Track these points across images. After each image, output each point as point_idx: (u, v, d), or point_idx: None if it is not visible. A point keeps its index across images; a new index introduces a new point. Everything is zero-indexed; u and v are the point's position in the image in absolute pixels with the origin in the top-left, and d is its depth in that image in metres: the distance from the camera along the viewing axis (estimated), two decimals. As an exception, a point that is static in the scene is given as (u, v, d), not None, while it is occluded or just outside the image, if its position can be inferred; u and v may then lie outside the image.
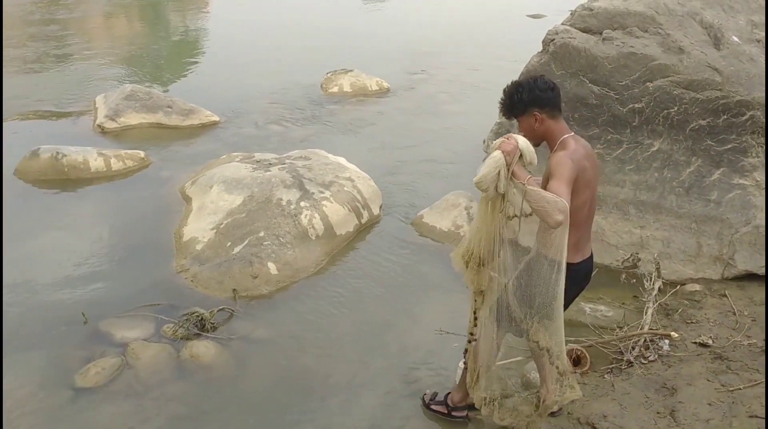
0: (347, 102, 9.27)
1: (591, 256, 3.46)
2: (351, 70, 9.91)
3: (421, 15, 14.67)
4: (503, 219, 3.20)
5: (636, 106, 5.26)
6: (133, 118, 8.23)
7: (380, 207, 6.35)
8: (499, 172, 3.06)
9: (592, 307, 4.88)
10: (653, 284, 4.70)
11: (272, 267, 5.25)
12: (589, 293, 5.08)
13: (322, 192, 5.94)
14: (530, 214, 3.18)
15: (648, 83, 5.20)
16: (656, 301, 4.65)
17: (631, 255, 4.93)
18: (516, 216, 3.21)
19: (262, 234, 5.46)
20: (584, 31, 5.48)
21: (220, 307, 4.82)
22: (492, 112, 6.19)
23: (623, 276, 4.89)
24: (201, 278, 5.21)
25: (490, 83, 9.66)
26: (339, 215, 5.85)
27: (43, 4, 14.93)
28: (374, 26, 13.87)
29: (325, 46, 12.04)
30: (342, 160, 6.65)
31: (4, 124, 8.30)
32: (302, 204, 5.74)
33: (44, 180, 6.78)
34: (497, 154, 3.06)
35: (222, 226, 5.62)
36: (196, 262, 5.35)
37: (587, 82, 5.37)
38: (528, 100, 3.24)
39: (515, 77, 5.81)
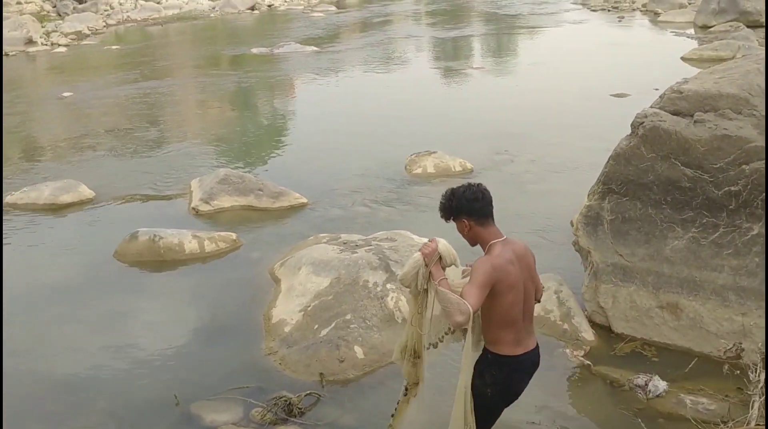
0: (431, 183, 9.36)
1: (536, 348, 3.63)
2: (434, 152, 10.03)
3: (503, 96, 14.79)
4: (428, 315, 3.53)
5: (732, 188, 5.09)
6: (226, 201, 8.55)
7: (466, 290, 6.29)
8: (417, 271, 3.44)
9: (693, 400, 4.64)
10: (759, 376, 4.42)
11: (359, 351, 5.25)
12: (690, 384, 4.85)
13: (408, 275, 5.94)
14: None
15: (744, 166, 5.04)
16: (763, 393, 4.37)
17: (734, 344, 4.68)
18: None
19: (348, 316, 5.50)
20: (674, 113, 5.40)
21: (307, 392, 4.84)
22: (579, 193, 6.15)
23: (725, 367, 4.63)
24: (289, 361, 5.26)
25: (577, 163, 9.62)
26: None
27: (140, 93, 15.90)
28: (456, 107, 14.05)
29: (409, 127, 12.26)
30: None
31: (106, 206, 8.78)
32: (388, 286, 5.77)
33: (142, 261, 7.08)
34: (417, 256, 3.45)
35: (310, 308, 5.69)
36: (284, 345, 5.42)
37: (679, 164, 5.26)
38: (457, 208, 3.49)
39: (604, 156, 5.81)
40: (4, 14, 24.72)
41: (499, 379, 3.47)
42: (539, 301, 3.80)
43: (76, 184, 9.12)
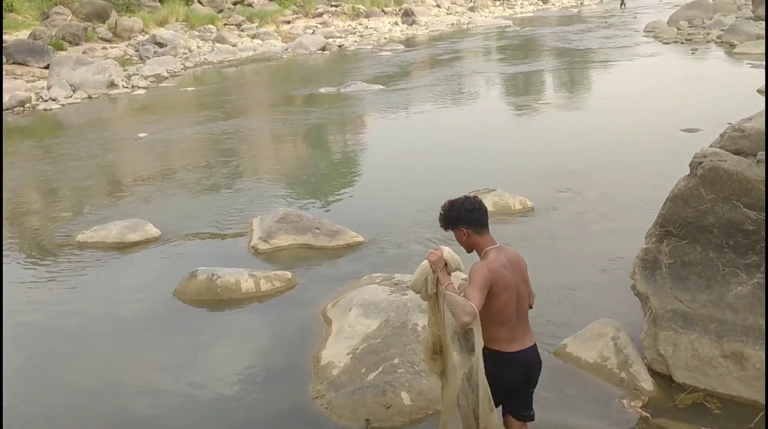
0: (489, 222, 9.22)
1: (532, 347, 3.98)
2: (494, 189, 9.88)
3: (569, 132, 14.51)
4: (442, 316, 3.86)
5: (799, 232, 4.82)
6: (284, 240, 8.64)
7: (520, 334, 6.12)
8: (426, 277, 3.77)
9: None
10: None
11: (406, 397, 5.16)
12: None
13: (459, 318, 5.84)
14: None
15: (812, 207, 4.77)
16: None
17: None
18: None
19: (396, 361, 5.42)
20: (736, 153, 5.17)
21: (351, 438, 4.77)
22: (644, 233, 5.92)
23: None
24: (335, 405, 5.21)
25: (642, 201, 9.30)
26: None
27: (212, 132, 16.37)
28: (520, 143, 13.89)
29: (471, 164, 12.18)
30: (481, 284, 6.54)
31: (170, 245, 9.00)
32: (438, 330, 5.66)
33: (199, 300, 7.19)
34: (425, 263, 3.80)
35: (358, 351, 5.64)
36: (332, 388, 5.38)
37: (742, 206, 5.01)
38: (456, 218, 3.90)
39: (665, 195, 5.58)
40: (91, 59, 26.03)
41: (492, 370, 3.77)
42: (531, 307, 4.12)
43: (143, 223, 9.39)
